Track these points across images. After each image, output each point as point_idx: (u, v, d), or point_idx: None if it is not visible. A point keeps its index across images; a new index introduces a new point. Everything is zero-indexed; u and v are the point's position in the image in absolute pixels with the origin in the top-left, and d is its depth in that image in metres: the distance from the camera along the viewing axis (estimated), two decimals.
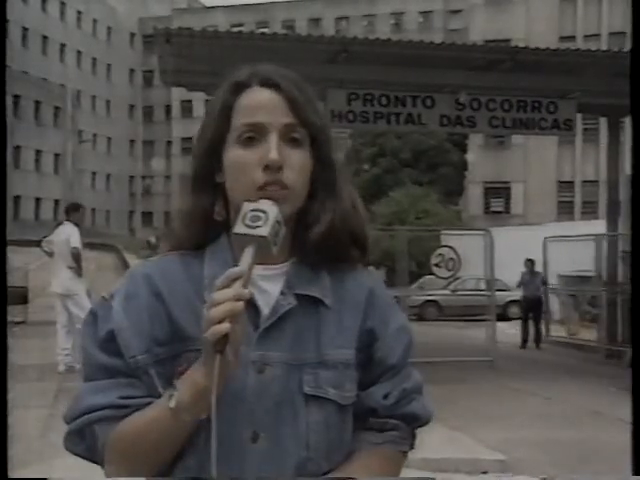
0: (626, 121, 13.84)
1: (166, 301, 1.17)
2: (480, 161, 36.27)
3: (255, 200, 1.11)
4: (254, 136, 1.16)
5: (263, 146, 1.15)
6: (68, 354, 9.18)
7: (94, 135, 56.82)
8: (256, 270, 1.16)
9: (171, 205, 54.36)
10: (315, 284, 1.20)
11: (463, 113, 11.40)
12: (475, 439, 6.56)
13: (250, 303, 1.15)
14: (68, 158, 49.92)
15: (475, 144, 36.17)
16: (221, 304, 1.02)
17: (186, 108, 57.77)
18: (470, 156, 36.85)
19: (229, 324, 1.01)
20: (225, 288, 1.03)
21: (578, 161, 35.66)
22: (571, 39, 34.16)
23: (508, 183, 36.76)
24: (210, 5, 65.72)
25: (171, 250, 1.24)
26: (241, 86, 1.20)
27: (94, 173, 57.40)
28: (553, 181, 36.27)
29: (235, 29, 31.01)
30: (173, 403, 1.07)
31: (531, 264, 14.36)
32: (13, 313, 13.21)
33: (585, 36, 35.36)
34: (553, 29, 35.44)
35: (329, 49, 10.54)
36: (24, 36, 50.00)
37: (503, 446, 6.32)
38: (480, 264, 12.33)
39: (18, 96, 43.64)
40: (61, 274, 9.31)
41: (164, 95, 56.23)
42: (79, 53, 56.89)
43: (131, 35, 61.83)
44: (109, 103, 59.94)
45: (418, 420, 1.26)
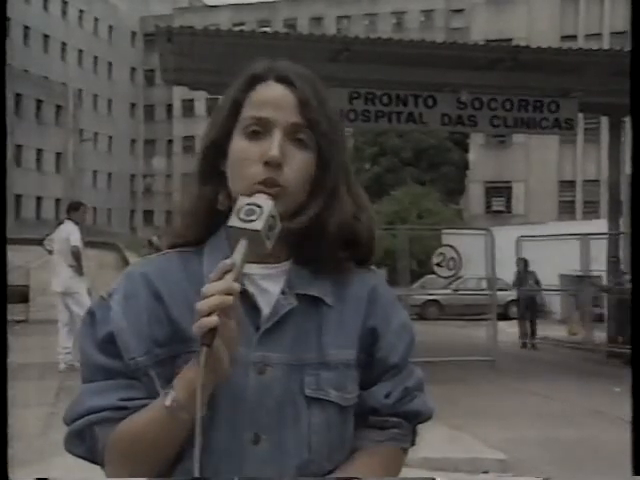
0: (627, 120, 13.82)
1: (165, 301, 1.16)
2: (481, 160, 36.25)
3: (251, 194, 1.10)
4: (260, 130, 1.15)
5: (267, 141, 1.14)
6: (69, 352, 9.18)
7: (95, 134, 56.83)
8: (256, 269, 1.16)
9: (172, 204, 54.41)
10: (316, 283, 1.19)
11: (464, 112, 11.40)
12: (476, 438, 6.56)
13: (250, 303, 1.15)
14: (69, 157, 49.90)
15: (476, 143, 36.17)
16: (210, 297, 1.01)
17: (187, 107, 57.82)
18: (471, 155, 36.85)
19: (217, 317, 1.00)
20: (217, 281, 1.03)
21: (579, 160, 35.62)
22: (572, 38, 34.12)
23: (509, 182, 36.74)
24: (212, 4, 65.81)
25: (171, 247, 1.23)
26: (257, 79, 1.19)
27: (95, 172, 57.41)
28: (554, 180, 36.24)
29: (237, 28, 31.02)
30: (169, 401, 1.07)
31: (524, 263, 14.32)
32: (14, 312, 13.22)
33: (586, 35, 35.32)
34: (555, 28, 35.41)
35: (331, 48, 10.53)
36: (25, 34, 50.04)
37: (504, 445, 6.31)
38: (481, 263, 12.33)
39: (19, 95, 43.64)
40: (62, 273, 9.32)
41: (165, 94, 56.27)
42: (80, 52, 56.91)
43: (132, 34, 61.84)
44: (110, 102, 59.97)
45: (420, 417, 1.26)
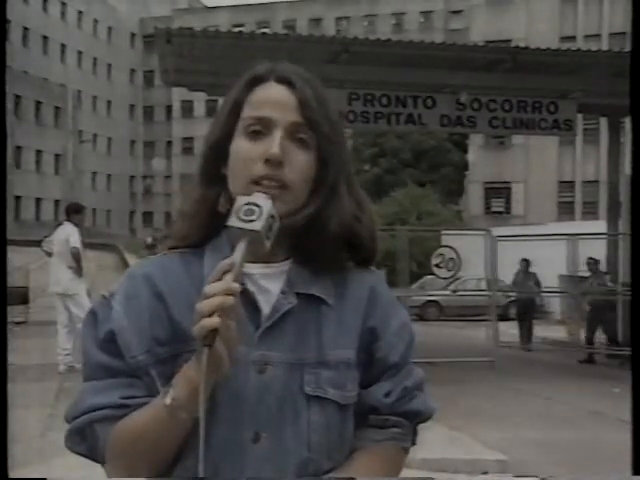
0: (626, 121, 13.83)
1: (167, 301, 1.17)
2: (481, 161, 36.27)
3: (249, 194, 1.10)
4: (260, 130, 1.16)
5: (267, 141, 1.15)
6: (68, 354, 9.18)
7: (95, 135, 56.86)
8: (256, 269, 1.17)
9: (172, 205, 54.43)
10: (316, 283, 1.20)
11: (464, 113, 11.40)
12: (475, 439, 6.55)
13: (250, 302, 1.15)
14: (69, 158, 49.91)
15: (476, 144, 36.17)
16: (211, 298, 1.01)
17: (187, 108, 57.84)
18: (471, 156, 36.86)
19: (218, 318, 1.00)
20: (217, 281, 1.03)
21: (579, 161, 35.62)
22: (572, 39, 34.12)
23: (509, 183, 36.73)
24: (211, 5, 65.83)
25: (173, 248, 1.24)
26: (258, 80, 1.21)
27: (95, 173, 57.42)
28: (554, 181, 36.24)
29: (236, 29, 31.02)
30: (169, 400, 1.07)
31: (526, 264, 14.29)
32: (14, 313, 13.22)
33: (586, 36, 35.31)
34: (554, 29, 35.42)
35: (330, 49, 10.53)
36: (25, 36, 50.04)
37: (503, 446, 6.31)
38: (481, 264, 12.32)
39: (19, 96, 43.65)
40: (61, 274, 9.32)
41: (165, 95, 56.30)
42: (80, 53, 56.94)
43: (132, 35, 61.87)
44: (110, 103, 59.99)
45: (420, 416, 1.26)
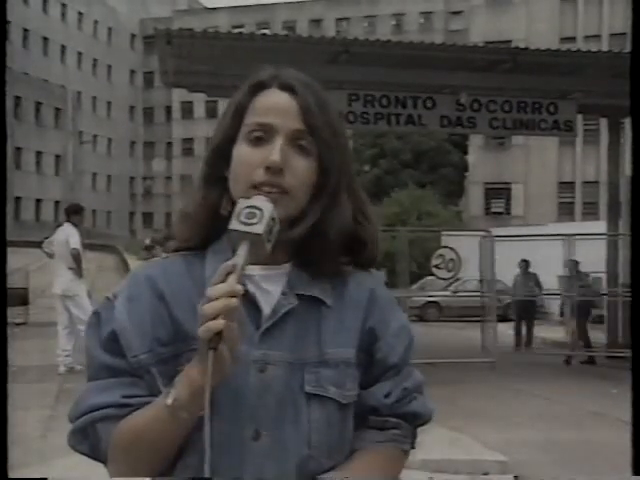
0: (627, 122, 13.84)
1: (168, 302, 1.18)
2: (480, 162, 36.28)
3: (250, 197, 1.11)
4: (262, 136, 1.17)
5: (268, 147, 1.16)
6: (68, 355, 9.19)
7: (95, 136, 56.90)
8: (257, 271, 1.17)
9: (172, 206, 54.45)
10: (316, 284, 1.21)
11: (464, 114, 11.40)
12: (475, 440, 6.55)
13: (252, 303, 1.16)
14: (69, 159, 49.98)
15: (475, 145, 36.19)
16: (215, 300, 1.02)
17: (187, 109, 57.88)
18: (470, 157, 36.88)
19: (223, 321, 1.01)
20: (220, 283, 1.04)
21: (579, 162, 35.64)
22: (572, 40, 34.12)
23: (508, 184, 36.75)
24: (211, 6, 65.86)
25: (175, 251, 1.25)
26: (261, 86, 1.21)
27: (95, 174, 57.47)
28: (554, 182, 36.25)
29: (236, 30, 31.08)
30: (170, 400, 1.08)
31: (525, 265, 14.28)
32: (14, 314, 13.21)
33: (585, 37, 35.33)
34: (554, 30, 35.44)
35: (330, 50, 10.54)
36: (25, 37, 50.11)
37: (504, 447, 6.31)
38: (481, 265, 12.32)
39: (19, 97, 43.73)
40: (61, 275, 9.33)
41: (165, 96, 56.31)
42: (80, 54, 56.99)
43: (132, 36, 61.91)
44: (110, 104, 60.03)
45: (419, 419, 1.27)
